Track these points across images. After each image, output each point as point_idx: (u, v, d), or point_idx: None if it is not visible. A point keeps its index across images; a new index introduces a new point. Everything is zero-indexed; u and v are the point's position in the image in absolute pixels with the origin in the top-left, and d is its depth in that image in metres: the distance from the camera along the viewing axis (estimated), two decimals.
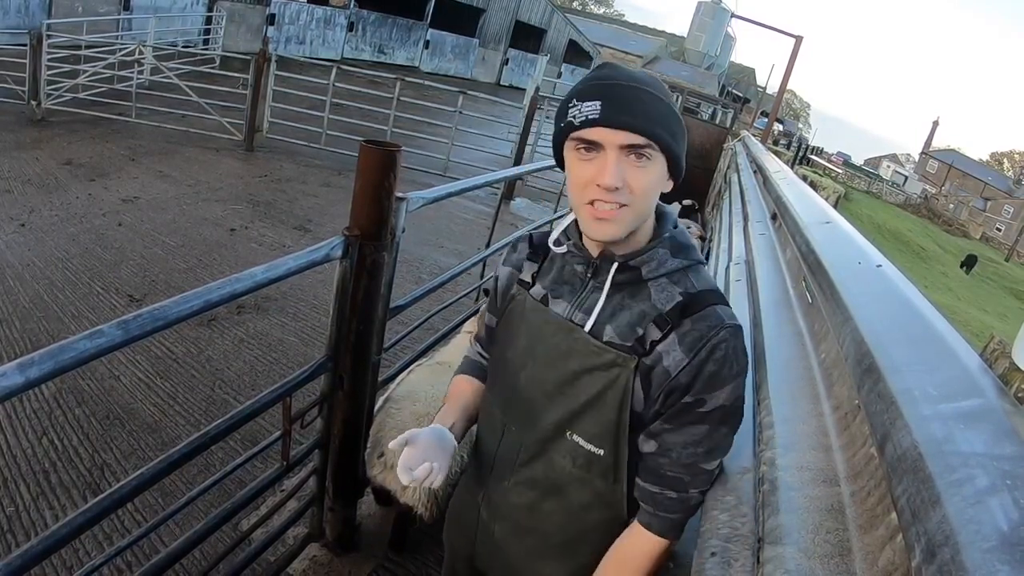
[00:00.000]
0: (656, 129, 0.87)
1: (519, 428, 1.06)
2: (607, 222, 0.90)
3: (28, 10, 10.80)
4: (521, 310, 1.06)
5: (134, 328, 1.13)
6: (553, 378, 0.99)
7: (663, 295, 0.95)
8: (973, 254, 36.20)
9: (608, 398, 0.95)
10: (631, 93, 0.87)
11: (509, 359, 1.07)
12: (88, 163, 6.48)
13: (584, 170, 0.90)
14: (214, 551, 1.95)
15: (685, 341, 0.91)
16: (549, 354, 1.00)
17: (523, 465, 1.07)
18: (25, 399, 2.89)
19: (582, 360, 0.96)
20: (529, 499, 1.08)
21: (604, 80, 0.89)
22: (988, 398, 0.66)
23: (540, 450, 1.04)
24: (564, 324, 0.99)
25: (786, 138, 32.59)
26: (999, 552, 0.44)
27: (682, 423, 0.94)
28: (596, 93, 0.88)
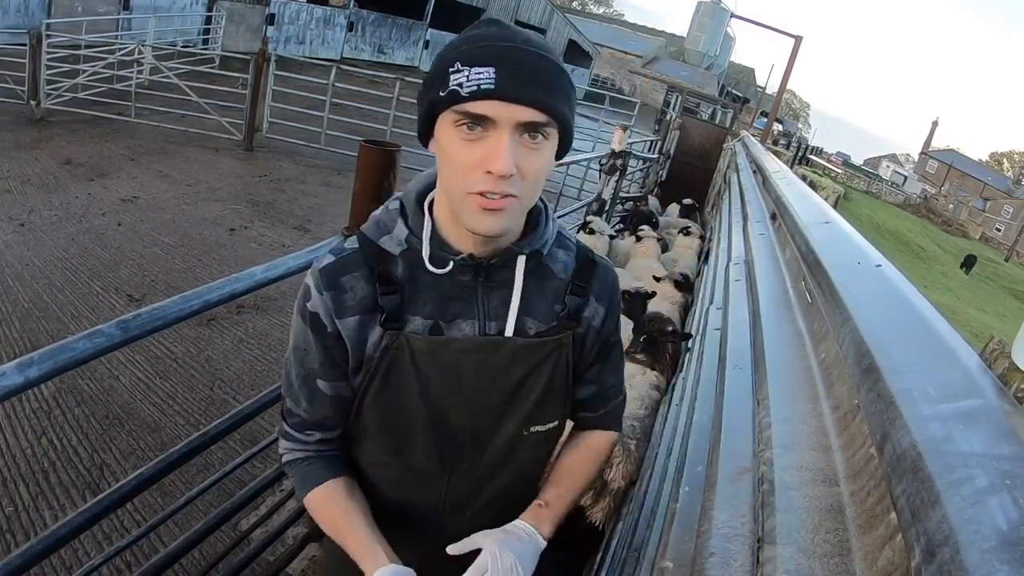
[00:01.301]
0: (559, 103, 0.75)
1: (469, 463, 0.97)
2: (496, 214, 0.76)
3: (28, 10, 10.80)
4: (409, 355, 0.86)
5: (133, 328, 1.13)
6: (497, 397, 0.92)
7: (560, 264, 0.93)
8: (972, 254, 36.22)
9: (556, 381, 0.95)
10: (532, 59, 0.73)
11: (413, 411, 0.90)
12: (87, 163, 6.48)
13: (469, 153, 0.74)
14: (213, 551, 1.95)
15: (599, 296, 0.96)
16: (481, 379, 0.90)
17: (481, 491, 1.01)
18: (24, 399, 2.89)
19: (523, 365, 0.91)
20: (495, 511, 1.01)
21: (498, 42, 0.73)
22: (988, 398, 0.66)
23: (500, 464, 0.98)
24: (484, 342, 0.88)
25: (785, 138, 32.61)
26: (999, 552, 0.44)
27: (607, 358, 1.02)
28: (489, 57, 0.71)
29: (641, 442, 2.08)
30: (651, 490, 1.56)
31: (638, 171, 9.02)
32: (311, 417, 0.93)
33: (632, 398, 2.26)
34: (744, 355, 1.49)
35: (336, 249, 0.88)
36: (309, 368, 0.89)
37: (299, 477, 0.96)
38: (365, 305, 0.85)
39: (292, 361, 0.91)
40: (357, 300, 0.85)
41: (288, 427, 0.96)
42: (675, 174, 9.59)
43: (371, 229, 0.88)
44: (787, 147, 22.68)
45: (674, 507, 1.12)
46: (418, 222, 0.86)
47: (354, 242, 0.88)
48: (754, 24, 23.93)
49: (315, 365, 0.89)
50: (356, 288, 0.85)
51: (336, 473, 0.95)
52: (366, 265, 0.85)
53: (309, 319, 0.86)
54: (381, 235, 0.86)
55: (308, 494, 0.94)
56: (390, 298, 0.85)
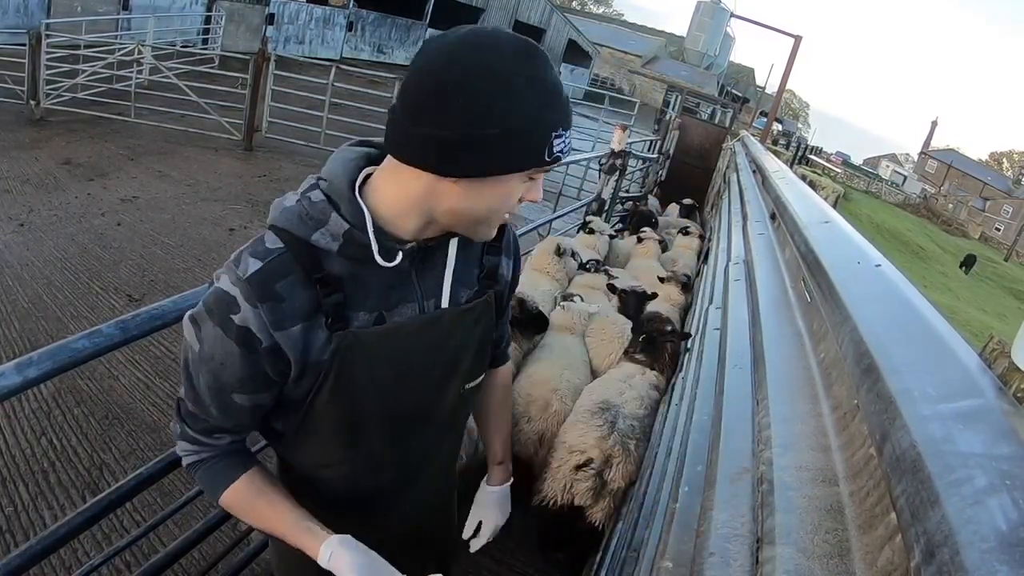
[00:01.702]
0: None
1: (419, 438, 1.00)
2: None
3: (27, 10, 10.79)
4: (361, 352, 0.84)
5: (133, 328, 1.13)
6: (441, 368, 0.95)
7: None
8: (972, 254, 36.21)
9: (485, 339, 1.00)
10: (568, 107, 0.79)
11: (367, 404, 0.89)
12: (87, 163, 6.48)
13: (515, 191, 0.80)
14: (213, 551, 1.95)
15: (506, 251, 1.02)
16: (427, 355, 0.92)
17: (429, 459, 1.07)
18: (24, 399, 2.89)
19: (460, 332, 0.94)
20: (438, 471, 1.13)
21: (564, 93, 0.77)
22: (987, 398, 0.66)
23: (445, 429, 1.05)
24: (427, 319, 0.89)
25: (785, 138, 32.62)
26: (998, 552, 0.44)
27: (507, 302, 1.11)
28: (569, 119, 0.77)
29: (641, 442, 2.08)
30: (651, 490, 1.56)
31: (638, 171, 9.01)
32: (222, 424, 0.88)
33: (632, 398, 2.26)
34: (744, 355, 1.49)
35: (257, 252, 0.79)
36: (224, 382, 0.82)
37: (208, 479, 0.92)
38: (306, 311, 0.80)
39: (201, 372, 0.83)
40: (297, 308, 0.79)
41: (192, 431, 0.90)
42: (675, 174, 9.59)
43: (294, 224, 0.80)
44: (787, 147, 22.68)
45: (674, 507, 1.12)
46: (356, 214, 0.81)
47: (275, 240, 0.80)
48: (754, 24, 23.93)
49: (233, 380, 0.82)
50: (294, 295, 0.79)
51: (246, 466, 0.92)
52: (300, 267, 0.79)
53: (236, 333, 0.78)
54: (310, 231, 0.80)
55: (223, 494, 0.91)
56: (333, 297, 0.81)
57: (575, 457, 2.05)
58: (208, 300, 0.81)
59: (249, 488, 0.91)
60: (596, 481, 2.01)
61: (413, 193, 0.80)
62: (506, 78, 0.71)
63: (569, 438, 2.12)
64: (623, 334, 2.89)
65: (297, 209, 0.81)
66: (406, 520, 1.10)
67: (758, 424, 1.06)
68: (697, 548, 0.88)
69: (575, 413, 2.24)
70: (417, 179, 0.78)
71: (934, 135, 64.44)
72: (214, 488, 0.92)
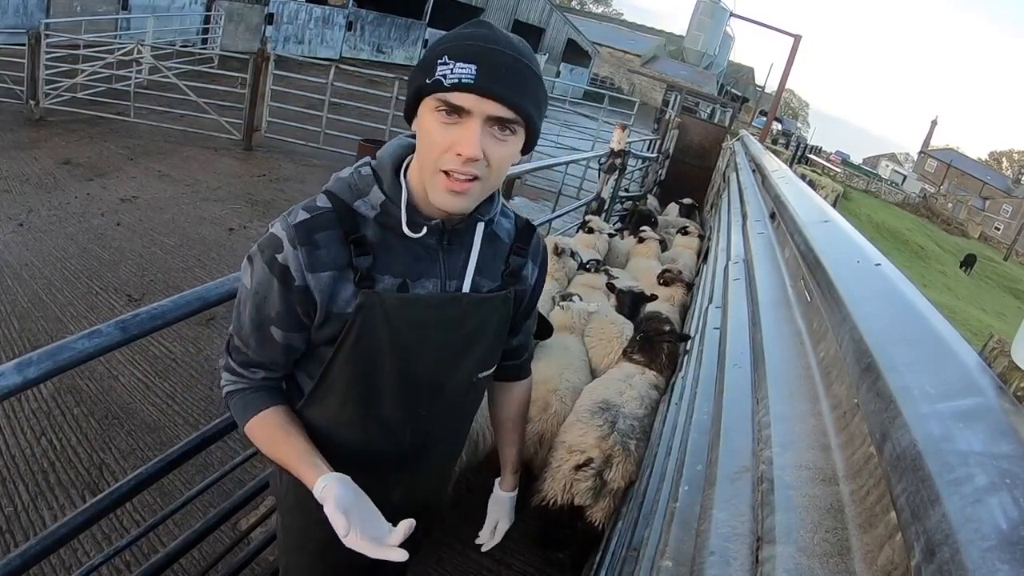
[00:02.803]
0: (527, 105, 0.85)
1: (427, 410, 1.06)
2: (460, 196, 0.86)
3: (26, 10, 10.78)
4: (382, 312, 0.93)
5: (132, 328, 1.13)
6: (455, 348, 1.02)
7: (503, 229, 1.06)
8: (972, 253, 36.21)
9: (500, 333, 1.08)
10: (510, 62, 0.83)
11: (384, 365, 0.97)
12: (86, 163, 6.47)
13: (444, 135, 0.83)
14: (213, 551, 1.95)
15: (534, 257, 1.10)
16: (443, 331, 0.99)
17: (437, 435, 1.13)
18: (23, 399, 2.89)
19: (476, 318, 1.01)
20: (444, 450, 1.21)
21: (483, 42, 0.82)
22: (987, 397, 0.66)
23: (454, 409, 1.11)
24: (445, 298, 0.97)
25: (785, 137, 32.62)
26: (998, 551, 0.44)
27: (531, 310, 1.18)
28: (472, 55, 0.81)
29: (641, 442, 2.08)
30: (651, 489, 1.57)
31: (637, 170, 9.01)
32: (259, 358, 0.99)
33: (632, 398, 2.26)
34: (743, 354, 1.49)
35: (308, 207, 0.92)
36: (265, 315, 0.93)
37: (240, 405, 1.02)
38: (338, 263, 0.90)
39: (248, 304, 0.94)
40: (331, 257, 0.90)
41: (233, 363, 1.02)
42: (674, 173, 9.59)
43: (343, 191, 0.93)
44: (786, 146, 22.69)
45: (674, 506, 1.12)
46: (394, 189, 0.92)
47: (325, 201, 0.92)
48: (753, 23, 23.94)
49: (272, 313, 0.92)
50: (330, 246, 0.90)
51: (276, 402, 1.02)
52: (340, 226, 0.90)
53: (277, 270, 0.89)
54: (355, 198, 0.92)
55: (250, 420, 1.00)
56: (364, 259, 0.91)
57: (575, 457, 2.05)
58: (262, 241, 0.93)
59: (272, 419, 1.00)
60: (596, 481, 2.01)
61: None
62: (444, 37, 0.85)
63: (569, 438, 2.12)
64: (622, 334, 2.89)
65: (347, 179, 0.94)
66: (408, 492, 1.15)
67: (758, 423, 1.06)
68: (697, 547, 0.88)
69: (575, 413, 2.24)
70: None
71: (934, 134, 64.45)
72: (243, 414, 1.01)
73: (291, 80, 8.24)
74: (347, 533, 0.86)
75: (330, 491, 0.89)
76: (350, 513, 0.87)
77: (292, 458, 0.96)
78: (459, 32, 0.85)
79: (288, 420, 1.01)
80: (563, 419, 2.28)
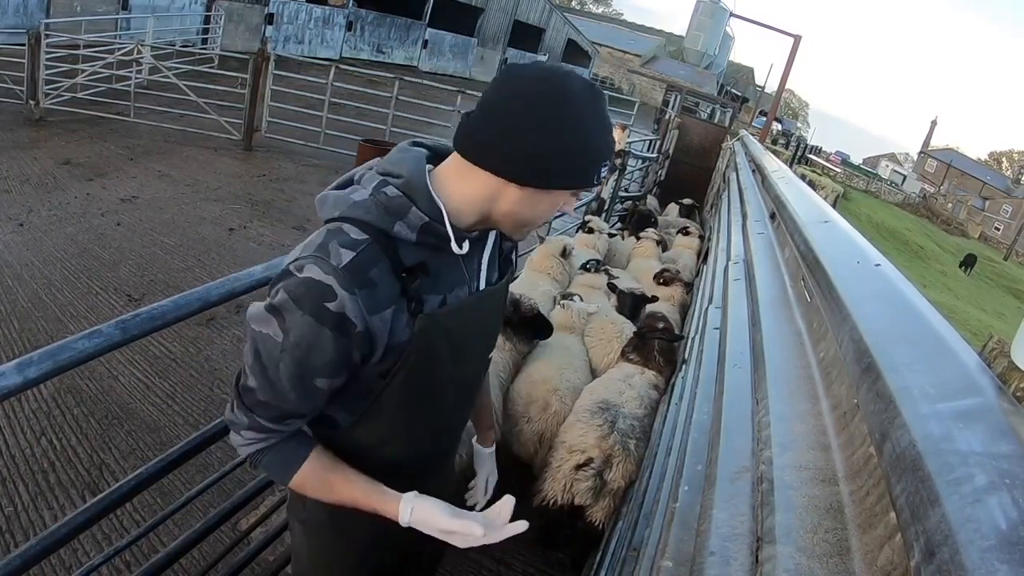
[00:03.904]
0: None
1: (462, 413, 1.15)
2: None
3: (26, 10, 10.78)
4: (438, 331, 0.94)
5: (133, 328, 1.13)
6: (487, 343, 1.11)
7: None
8: (973, 253, 36.18)
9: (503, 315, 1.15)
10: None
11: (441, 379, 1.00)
12: (86, 163, 6.47)
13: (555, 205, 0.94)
14: (213, 551, 1.95)
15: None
16: (479, 330, 1.06)
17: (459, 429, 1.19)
18: (24, 399, 2.89)
19: (493, 310, 1.09)
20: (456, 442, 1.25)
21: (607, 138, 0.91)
22: (987, 397, 0.66)
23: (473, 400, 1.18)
24: (476, 299, 1.01)
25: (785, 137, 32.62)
26: (998, 551, 0.44)
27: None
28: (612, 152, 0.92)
29: (640, 442, 2.08)
30: (651, 489, 1.57)
31: (637, 170, 9.02)
32: (300, 410, 0.92)
33: (631, 398, 2.26)
34: (743, 354, 1.49)
35: (346, 243, 0.85)
36: (310, 367, 0.87)
37: (277, 462, 0.96)
38: (394, 296, 0.88)
39: (285, 359, 0.86)
40: (387, 293, 0.87)
41: (261, 419, 0.92)
42: (674, 173, 9.59)
43: (377, 217, 0.87)
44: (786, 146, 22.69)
45: (674, 506, 1.12)
46: (434, 209, 0.90)
47: (359, 232, 0.87)
48: (753, 23, 23.93)
49: (319, 364, 0.86)
50: (384, 281, 0.87)
51: (311, 445, 0.98)
52: (386, 257, 0.87)
53: (330, 319, 0.83)
54: (392, 223, 0.88)
55: (296, 474, 0.96)
56: (416, 284, 0.90)
57: (575, 457, 2.05)
58: (295, 290, 0.84)
59: (320, 464, 0.97)
60: (596, 481, 2.01)
61: (479, 192, 0.90)
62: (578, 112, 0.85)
63: (569, 438, 2.12)
64: (622, 334, 2.89)
65: (374, 203, 0.88)
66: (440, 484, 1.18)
67: (758, 423, 1.06)
68: (697, 547, 0.88)
69: (575, 413, 2.24)
70: (486, 180, 0.88)
71: (933, 134, 64.42)
72: (285, 470, 0.96)
73: (291, 80, 8.24)
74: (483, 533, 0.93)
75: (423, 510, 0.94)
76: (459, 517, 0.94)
77: (358, 496, 0.96)
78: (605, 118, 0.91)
79: (332, 460, 0.98)
80: (563, 419, 2.28)
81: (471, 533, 0.92)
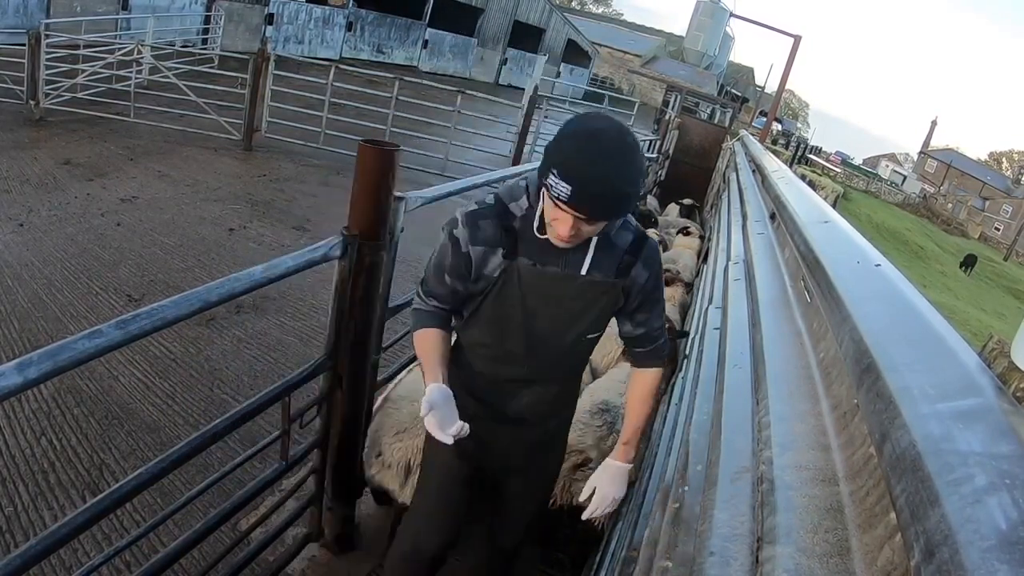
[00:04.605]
0: (608, 216, 1.21)
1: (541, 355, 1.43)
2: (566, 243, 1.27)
3: (26, 10, 10.78)
4: (516, 277, 1.34)
5: (133, 328, 1.13)
6: (566, 314, 1.39)
7: (621, 239, 1.39)
8: (973, 254, 36.17)
9: (607, 309, 1.42)
10: (600, 182, 1.12)
11: (514, 315, 1.38)
12: (86, 163, 6.47)
13: (552, 212, 1.21)
14: (213, 551, 1.95)
15: (645, 264, 1.40)
16: (561, 299, 1.37)
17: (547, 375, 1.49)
18: (24, 399, 2.89)
19: (589, 295, 1.37)
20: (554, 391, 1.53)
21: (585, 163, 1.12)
22: (987, 397, 0.66)
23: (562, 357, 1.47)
24: (566, 276, 1.35)
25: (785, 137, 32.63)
26: (998, 551, 0.44)
27: (652, 309, 1.48)
28: (572, 175, 1.12)
29: (640, 443, 2.08)
30: (651, 489, 1.57)
31: None
32: (434, 292, 1.45)
33: None
34: (743, 354, 1.50)
35: (478, 201, 1.36)
36: (443, 266, 1.39)
37: (416, 318, 1.49)
38: (489, 241, 1.33)
39: (436, 255, 1.41)
40: (485, 237, 1.33)
41: (421, 290, 1.48)
42: (674, 174, 9.59)
43: (504, 193, 1.36)
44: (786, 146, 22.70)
45: (674, 506, 1.12)
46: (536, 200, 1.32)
47: (493, 199, 1.35)
48: (753, 23, 23.94)
49: (446, 264, 1.38)
50: (486, 229, 1.33)
51: (436, 325, 1.47)
52: (496, 217, 1.33)
53: (450, 239, 1.36)
54: (511, 199, 1.34)
55: (417, 330, 1.47)
56: (509, 241, 1.32)
57: (574, 457, 2.05)
58: (448, 221, 1.37)
59: (429, 336, 1.46)
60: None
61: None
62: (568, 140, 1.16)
63: (568, 438, 2.12)
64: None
65: (511, 186, 1.37)
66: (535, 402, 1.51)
67: (758, 423, 1.06)
68: (697, 548, 0.88)
69: (575, 413, 2.24)
70: None
71: (933, 135, 64.39)
72: (415, 325, 1.49)
73: (291, 80, 8.23)
74: (425, 414, 1.30)
75: (429, 393, 1.33)
76: (434, 406, 1.31)
77: (426, 365, 1.42)
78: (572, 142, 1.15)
79: (439, 341, 1.45)
80: None
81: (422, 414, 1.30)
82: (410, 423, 1.99)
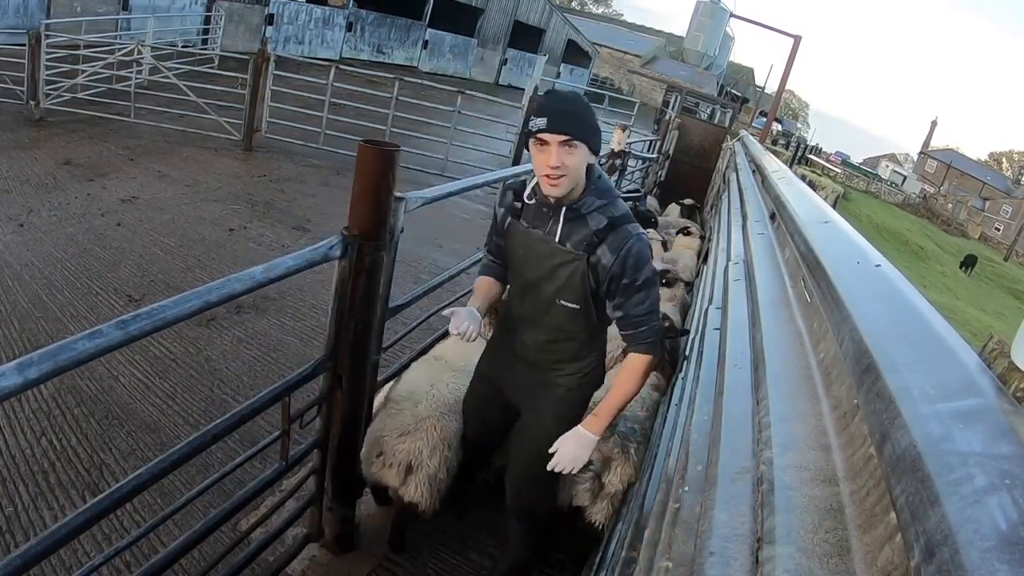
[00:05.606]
0: (578, 129, 1.51)
1: (531, 300, 1.77)
2: (554, 187, 1.56)
3: (27, 10, 10.78)
4: (516, 233, 1.75)
5: (133, 328, 1.12)
6: (544, 270, 1.70)
7: (595, 221, 1.63)
8: (973, 254, 36.17)
9: (576, 278, 1.66)
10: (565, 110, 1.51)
11: (515, 264, 1.79)
12: (87, 163, 6.47)
13: (540, 156, 1.54)
14: (213, 551, 1.95)
15: (611, 247, 1.61)
16: (539, 256, 1.70)
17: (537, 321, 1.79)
18: (24, 399, 2.89)
19: (557, 258, 1.67)
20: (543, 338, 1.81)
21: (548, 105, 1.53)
22: (987, 397, 0.66)
23: (545, 311, 1.76)
24: (544, 238, 1.68)
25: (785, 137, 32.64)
26: (998, 551, 0.44)
27: (629, 295, 1.65)
28: (543, 112, 1.51)
29: (640, 445, 2.08)
30: (651, 490, 1.57)
31: (637, 171, 9.02)
32: (488, 246, 1.94)
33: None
34: (743, 355, 1.49)
35: (509, 183, 1.88)
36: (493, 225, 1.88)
37: (480, 268, 1.96)
38: (508, 208, 1.79)
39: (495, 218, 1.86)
40: (506, 204, 1.79)
41: (486, 246, 1.97)
42: (674, 174, 9.59)
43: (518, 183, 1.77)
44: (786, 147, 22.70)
45: (674, 507, 1.12)
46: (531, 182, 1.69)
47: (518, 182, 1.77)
48: (753, 24, 23.93)
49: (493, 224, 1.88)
50: (508, 197, 1.79)
51: (491, 274, 1.93)
52: (514, 192, 1.76)
53: (497, 205, 1.84)
54: (522, 185, 1.74)
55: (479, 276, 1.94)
56: (516, 208, 1.75)
57: None
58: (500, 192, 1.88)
59: (483, 281, 1.93)
60: (594, 483, 2.01)
61: None
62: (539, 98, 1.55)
63: None
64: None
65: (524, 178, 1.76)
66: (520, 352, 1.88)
67: (758, 424, 1.06)
68: (697, 548, 0.88)
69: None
70: None
71: (934, 135, 64.37)
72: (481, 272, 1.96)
73: (291, 80, 8.23)
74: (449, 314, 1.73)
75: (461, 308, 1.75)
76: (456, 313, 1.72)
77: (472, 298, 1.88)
78: (542, 98, 1.58)
79: (487, 286, 1.91)
80: None
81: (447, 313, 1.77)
82: (413, 425, 2.00)
